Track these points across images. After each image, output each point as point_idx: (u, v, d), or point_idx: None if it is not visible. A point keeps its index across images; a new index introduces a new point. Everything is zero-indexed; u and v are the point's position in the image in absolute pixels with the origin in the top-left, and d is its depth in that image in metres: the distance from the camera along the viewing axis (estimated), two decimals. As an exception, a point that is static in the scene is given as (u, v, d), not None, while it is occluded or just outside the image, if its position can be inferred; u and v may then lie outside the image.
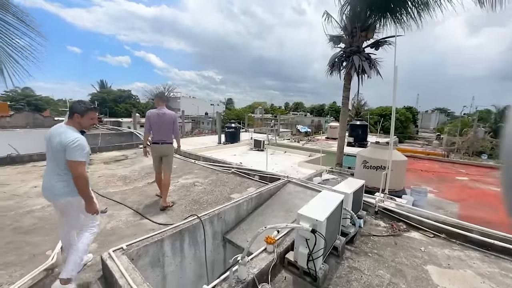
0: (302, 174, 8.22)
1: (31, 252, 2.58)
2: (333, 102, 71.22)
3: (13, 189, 4.43)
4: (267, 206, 4.11)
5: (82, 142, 2.08)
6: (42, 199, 4.01)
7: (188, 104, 50.87)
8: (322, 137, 20.66)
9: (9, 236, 2.88)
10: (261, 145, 12.88)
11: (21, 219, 3.32)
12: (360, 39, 7.00)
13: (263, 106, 76.72)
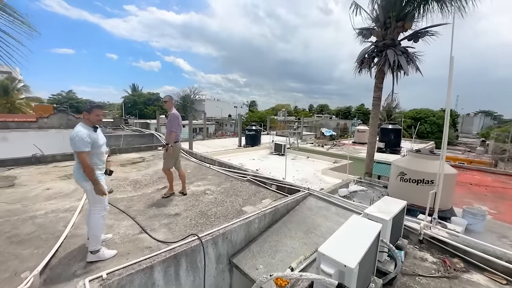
0: (325, 183, 7.46)
1: (14, 268, 2.33)
2: (360, 104, 67.69)
3: (27, 191, 4.41)
4: (284, 223, 3.54)
5: (81, 134, 2.37)
6: (49, 203, 3.90)
7: (212, 107, 51.89)
8: (348, 142, 19.36)
9: (1, 246, 2.68)
10: (282, 149, 12.26)
11: (21, 225, 3.16)
12: (395, 31, 6.11)
13: (287, 108, 75.68)
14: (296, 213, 3.78)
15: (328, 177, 8.25)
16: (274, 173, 7.33)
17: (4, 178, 5.10)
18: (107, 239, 2.87)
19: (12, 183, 4.78)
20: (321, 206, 3.94)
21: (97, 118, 2.56)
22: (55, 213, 3.54)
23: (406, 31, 6.17)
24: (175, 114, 4.22)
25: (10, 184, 4.73)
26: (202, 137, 23.51)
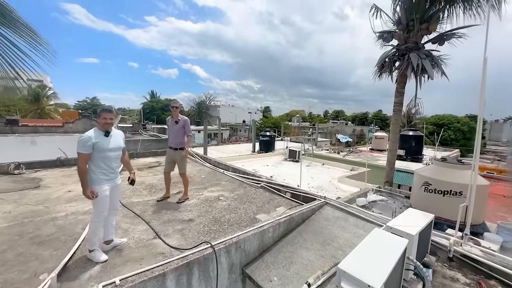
0: (342, 192, 7.19)
1: (34, 269, 2.39)
2: (378, 110, 65.75)
3: (50, 192, 4.60)
4: (299, 233, 3.40)
5: (84, 137, 2.44)
6: (69, 206, 4.03)
7: (227, 112, 52.61)
8: (365, 148, 18.75)
9: (23, 246, 2.78)
10: (296, 156, 12.07)
11: (43, 226, 3.28)
12: (418, 33, 5.85)
13: (301, 114, 75.07)
14: (312, 223, 3.63)
15: (345, 185, 7.96)
16: (288, 180, 7.19)
17: (31, 180, 5.38)
18: (122, 243, 2.89)
19: (37, 185, 5.03)
20: (339, 216, 3.76)
21: (104, 122, 2.57)
22: (74, 215, 3.65)
23: (430, 33, 5.88)
24: (188, 119, 4.37)
25: (35, 186, 4.97)
26: (216, 142, 23.80)
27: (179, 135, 4.29)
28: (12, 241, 2.89)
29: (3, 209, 3.76)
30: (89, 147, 2.44)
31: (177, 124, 4.27)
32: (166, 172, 4.45)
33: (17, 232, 3.09)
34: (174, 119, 4.30)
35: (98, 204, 2.55)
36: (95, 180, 2.52)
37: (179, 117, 4.30)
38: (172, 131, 4.31)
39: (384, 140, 18.01)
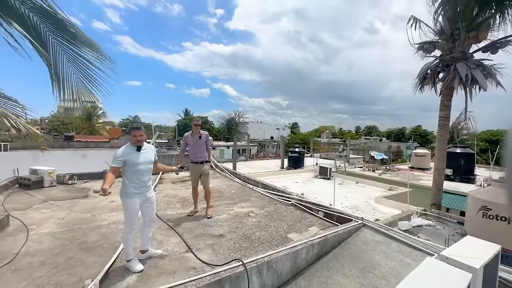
0: (380, 214, 6.61)
1: (80, 274, 2.56)
2: (417, 126, 61.00)
3: (96, 202, 5.03)
4: (335, 257, 3.16)
5: (117, 153, 2.65)
6: (111, 215, 4.33)
7: (255, 129, 53.54)
8: (404, 166, 17.28)
9: (72, 251, 3.02)
10: (327, 173, 11.58)
11: (89, 233, 3.55)
12: (466, 42, 5.40)
13: (331, 130, 73.04)
14: (348, 246, 3.35)
15: (383, 207, 7.32)
16: (319, 198, 6.88)
17: (81, 189, 5.96)
18: (156, 254, 2.97)
19: (86, 194, 5.54)
20: (379, 241, 3.42)
21: (134, 139, 2.73)
22: (115, 224, 3.89)
23: (480, 42, 5.38)
24: (208, 134, 4.60)
25: (84, 195, 5.48)
26: (245, 158, 24.09)
27: (202, 150, 4.44)
28: (63, 245, 3.16)
29: (58, 215, 4.18)
30: (120, 162, 2.62)
31: (200, 139, 4.43)
32: (194, 187, 4.55)
33: (68, 237, 3.39)
34: (197, 135, 4.42)
35: (129, 217, 2.68)
36: (127, 194, 2.66)
37: (201, 133, 4.46)
38: (196, 146, 4.42)
39: (426, 157, 16.45)
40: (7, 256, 2.80)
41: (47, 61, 2.63)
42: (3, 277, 2.45)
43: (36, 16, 2.45)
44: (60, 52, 2.70)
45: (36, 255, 2.90)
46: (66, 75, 2.68)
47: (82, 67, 2.74)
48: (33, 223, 3.78)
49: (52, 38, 2.62)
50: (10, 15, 2.27)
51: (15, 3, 2.27)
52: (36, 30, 2.48)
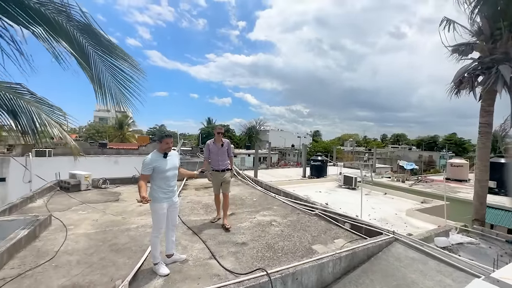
0: (413, 228, 6.12)
1: (111, 274, 2.68)
2: (451, 133, 56.59)
3: (126, 205, 5.30)
4: (364, 272, 2.96)
5: (146, 160, 2.76)
6: (140, 218, 4.52)
7: (276, 137, 53.38)
8: (438, 177, 15.97)
9: (104, 252, 3.19)
10: (352, 183, 11.09)
11: (119, 235, 3.73)
12: (509, 43, 4.94)
13: (354, 138, 70.40)
14: (379, 262, 3.13)
15: (416, 220, 6.79)
16: (344, 209, 6.57)
17: (113, 193, 6.34)
18: (181, 259, 3.02)
19: (117, 198, 5.87)
20: (414, 258, 3.15)
21: (166, 147, 2.85)
22: (143, 228, 4.05)
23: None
24: (229, 141, 4.62)
25: (116, 199, 5.81)
26: (266, 166, 24.01)
27: (224, 157, 4.45)
28: (97, 246, 3.35)
29: (93, 217, 4.47)
30: (150, 169, 2.74)
31: (222, 147, 4.45)
32: (216, 194, 4.55)
33: (101, 238, 3.59)
34: (219, 143, 4.44)
35: (157, 221, 2.77)
36: (156, 199, 2.75)
37: (223, 141, 4.48)
38: (218, 153, 4.43)
39: (463, 168, 15.07)
40: (49, 253, 3.03)
41: (89, 74, 2.88)
42: (45, 273, 2.65)
43: (80, 33, 2.68)
44: (100, 65, 2.94)
45: (73, 254, 3.10)
46: (106, 85, 2.91)
47: (119, 78, 2.96)
48: (71, 223, 4.07)
49: (93, 52, 2.86)
50: (59, 34, 2.52)
51: (63, 23, 2.52)
52: (79, 45, 2.73)
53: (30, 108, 2.62)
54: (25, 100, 2.63)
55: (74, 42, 2.62)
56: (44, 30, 2.41)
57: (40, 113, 2.71)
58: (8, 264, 2.78)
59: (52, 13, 2.42)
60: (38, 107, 2.72)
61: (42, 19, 2.35)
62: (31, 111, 2.63)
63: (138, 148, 16.82)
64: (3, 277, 2.53)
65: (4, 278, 2.50)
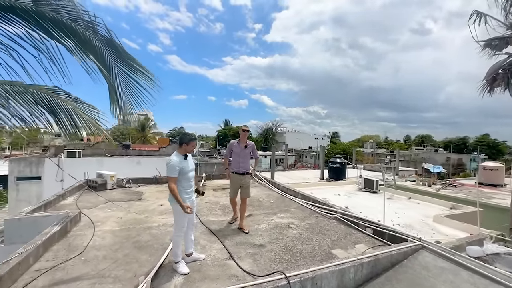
0: (441, 235, 5.75)
1: (135, 270, 2.79)
2: (483, 134, 52.61)
3: (148, 204, 5.50)
4: (388, 280, 2.82)
5: (173, 163, 2.78)
6: (161, 217, 4.66)
7: (292, 138, 52.86)
8: (469, 182, 14.89)
9: (128, 248, 3.33)
10: (373, 186, 10.65)
11: (142, 233, 3.88)
12: (551, 35, 4.50)
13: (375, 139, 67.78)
14: (404, 270, 2.96)
15: (445, 227, 6.36)
16: (365, 213, 6.33)
17: (135, 192, 6.62)
18: (200, 258, 3.07)
19: (140, 197, 6.12)
20: (444, 267, 2.95)
21: (192, 149, 3.00)
22: (164, 226, 4.18)
23: None
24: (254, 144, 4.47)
25: (138, 198, 6.06)
26: (282, 168, 23.83)
27: (246, 160, 4.24)
28: (121, 242, 3.51)
29: (117, 215, 4.69)
30: (177, 171, 2.79)
31: (246, 149, 4.24)
32: (232, 198, 4.38)
33: (125, 235, 3.76)
34: (243, 144, 4.24)
35: (180, 220, 2.85)
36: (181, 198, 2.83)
37: (247, 142, 4.29)
38: (240, 155, 4.22)
39: (498, 172, 13.91)
40: (79, 248, 3.23)
41: (110, 84, 3.04)
42: (75, 266, 2.82)
43: (103, 47, 2.87)
44: (118, 76, 3.11)
45: (100, 249, 3.27)
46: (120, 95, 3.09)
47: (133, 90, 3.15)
48: (98, 220, 4.30)
49: (113, 64, 3.04)
50: (87, 47, 2.71)
51: (90, 37, 2.70)
52: (103, 58, 2.92)
53: (67, 106, 2.84)
54: (62, 100, 2.85)
55: (98, 55, 2.81)
56: (74, 44, 2.61)
57: (76, 110, 2.92)
58: (43, 256, 3.00)
59: (82, 29, 2.62)
60: (73, 106, 2.93)
61: (73, 34, 2.55)
62: (68, 109, 2.84)
63: (159, 150, 17.47)
64: (38, 268, 2.73)
65: (39, 270, 2.70)
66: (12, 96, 2.48)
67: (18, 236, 3.57)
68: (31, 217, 3.90)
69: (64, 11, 2.53)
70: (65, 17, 2.53)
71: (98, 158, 14.57)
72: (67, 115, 2.84)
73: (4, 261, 2.50)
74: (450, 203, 8.63)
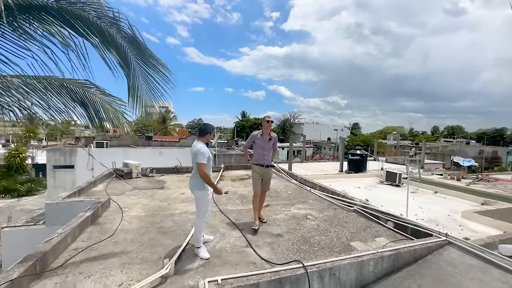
0: (471, 232, 5.43)
1: (159, 253, 2.97)
2: (524, 125, 47.90)
3: (170, 193, 5.77)
4: (410, 275, 2.74)
5: (204, 150, 2.97)
6: (182, 205, 4.87)
7: (311, 130, 51.92)
8: (504, 176, 13.77)
9: (153, 233, 3.54)
10: (396, 179, 10.24)
11: (165, 219, 4.10)
12: None
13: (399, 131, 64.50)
14: (428, 265, 2.86)
15: (474, 223, 6.00)
16: (386, 206, 6.13)
17: (158, 181, 6.95)
18: (209, 240, 3.29)
19: (162, 186, 6.42)
20: (472, 265, 2.80)
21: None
22: (186, 214, 4.37)
23: None
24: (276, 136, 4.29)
25: (161, 187, 6.36)
26: (300, 159, 23.62)
27: (269, 153, 4.09)
28: (147, 227, 3.74)
29: (142, 202, 4.98)
30: (207, 158, 2.99)
31: (270, 141, 4.09)
32: (257, 193, 3.99)
33: (150, 221, 3.99)
34: (267, 136, 4.07)
35: (204, 206, 3.01)
36: (205, 186, 3.00)
37: (271, 134, 4.14)
38: (264, 147, 4.06)
39: (540, 166, 12.66)
40: (109, 231, 3.49)
41: (130, 80, 3.13)
42: (107, 247, 3.07)
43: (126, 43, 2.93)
44: (138, 71, 3.18)
45: (128, 233, 3.51)
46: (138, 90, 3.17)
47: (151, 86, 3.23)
48: (125, 206, 4.60)
49: (134, 61, 3.11)
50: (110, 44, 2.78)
51: (113, 33, 2.77)
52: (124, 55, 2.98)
53: (95, 99, 3.01)
54: (91, 93, 3.02)
55: (120, 51, 2.88)
56: (100, 40, 2.70)
57: (103, 103, 3.08)
58: (79, 237, 3.29)
59: (106, 25, 2.70)
60: (101, 99, 3.09)
61: (98, 31, 2.64)
62: (96, 102, 3.01)
63: (179, 141, 18.07)
64: (76, 247, 3.01)
65: (76, 249, 2.97)
66: (49, 89, 2.66)
67: (57, 218, 3.93)
68: (67, 201, 4.27)
69: (90, 9, 2.63)
70: (91, 15, 2.63)
71: (123, 148, 15.42)
72: (96, 108, 3.01)
73: (47, 240, 2.78)
74: (482, 198, 8.07)
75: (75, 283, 2.34)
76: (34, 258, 2.38)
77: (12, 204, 15.96)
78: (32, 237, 3.78)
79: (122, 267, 2.64)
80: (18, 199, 17.13)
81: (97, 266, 2.64)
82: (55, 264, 2.62)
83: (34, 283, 2.30)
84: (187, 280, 2.41)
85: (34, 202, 16.41)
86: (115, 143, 17.14)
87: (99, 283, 2.36)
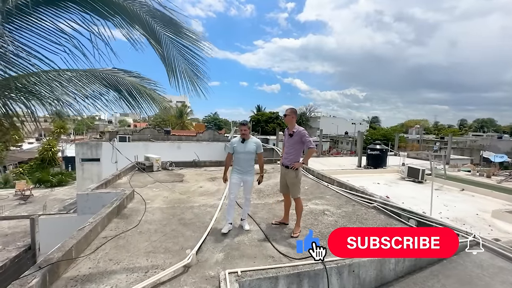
0: (502, 233, 5.12)
1: (181, 244, 3.11)
2: None
3: (189, 186, 5.96)
4: (433, 275, 2.66)
5: (230, 142, 3.68)
6: (201, 198, 5.01)
7: (327, 123, 50.72)
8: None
9: (175, 224, 3.70)
10: (419, 175, 9.80)
11: (185, 211, 4.26)
12: None
13: (423, 124, 61.23)
14: (453, 266, 2.75)
15: (506, 224, 5.63)
16: (408, 204, 5.93)
17: (177, 175, 7.20)
18: (245, 228, 3.61)
19: (181, 179, 6.65)
20: (503, 267, 2.65)
21: (240, 132, 3.52)
22: (204, 206, 4.51)
23: None
24: (305, 130, 3.58)
25: (180, 180, 6.59)
26: (316, 154, 23.25)
27: (291, 151, 3.55)
28: (168, 219, 3.91)
29: (163, 194, 5.20)
30: (231, 148, 3.52)
31: (291, 137, 3.55)
32: (282, 193, 3.87)
33: (171, 212, 4.17)
34: (289, 131, 3.62)
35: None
36: (231, 171, 3.56)
37: (295, 129, 3.55)
38: (286, 144, 3.69)
39: None
40: (134, 221, 3.70)
41: (161, 54, 3.00)
42: (133, 237, 3.26)
43: (151, 18, 2.85)
44: (171, 45, 3.03)
45: (152, 223, 3.70)
46: (178, 66, 3.06)
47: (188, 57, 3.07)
48: (148, 198, 4.82)
49: (163, 34, 2.96)
50: (133, 20, 2.73)
51: (137, 10, 2.72)
52: (151, 29, 2.86)
53: (126, 82, 3.02)
54: (120, 77, 3.07)
55: (146, 26, 2.82)
56: (122, 19, 2.59)
57: (135, 84, 3.09)
58: (108, 226, 3.52)
59: (128, 3, 2.62)
60: (131, 81, 3.12)
61: (120, 9, 2.55)
62: (128, 84, 3.01)
63: (196, 135, 18.47)
64: (105, 236, 3.23)
65: (106, 237, 3.19)
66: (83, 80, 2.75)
67: (87, 208, 4.23)
68: (96, 192, 4.56)
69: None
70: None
71: (144, 142, 16.07)
72: (129, 89, 2.98)
73: (80, 228, 3.00)
74: (514, 197, 7.52)
75: (106, 268, 2.52)
76: (71, 244, 2.59)
77: (46, 194, 17.36)
78: (65, 224, 4.11)
79: (147, 256, 2.80)
80: (51, 189, 18.59)
81: (124, 253, 2.83)
82: (88, 250, 2.84)
83: (70, 267, 2.51)
84: (208, 271, 2.51)
85: (65, 192, 17.73)
86: (136, 137, 17.91)
87: (127, 269, 2.53)
